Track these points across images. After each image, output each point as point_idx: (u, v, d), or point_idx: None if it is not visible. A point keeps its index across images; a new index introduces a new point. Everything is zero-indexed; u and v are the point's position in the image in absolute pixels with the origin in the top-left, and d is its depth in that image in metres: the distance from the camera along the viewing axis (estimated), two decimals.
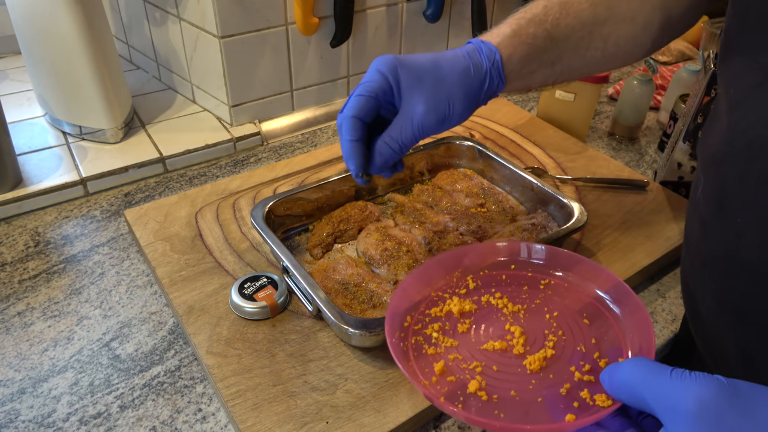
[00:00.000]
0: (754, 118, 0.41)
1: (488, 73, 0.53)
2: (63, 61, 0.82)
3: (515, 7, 0.59)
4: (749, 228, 0.41)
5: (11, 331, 0.62)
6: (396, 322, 0.49)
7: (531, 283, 0.52)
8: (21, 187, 0.79)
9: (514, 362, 0.45)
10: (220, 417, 0.54)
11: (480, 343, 0.47)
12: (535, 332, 0.47)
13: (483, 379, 0.43)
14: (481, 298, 0.51)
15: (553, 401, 0.42)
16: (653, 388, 0.33)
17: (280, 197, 0.69)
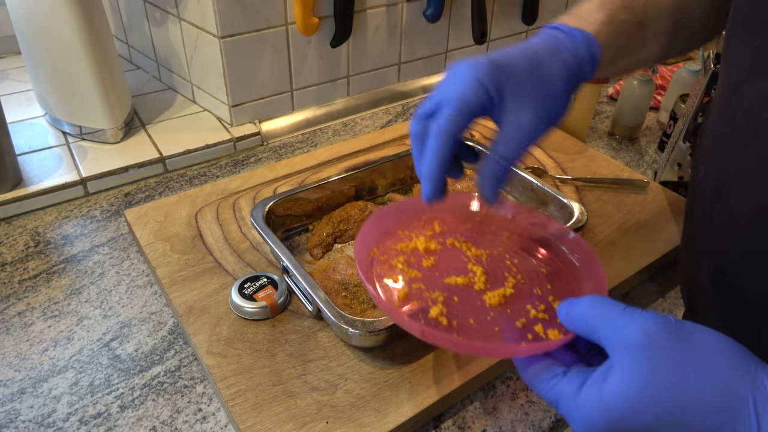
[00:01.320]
0: (752, 99, 0.41)
1: (587, 65, 0.48)
2: (63, 61, 0.82)
3: (515, 8, 0.58)
4: (743, 209, 0.42)
5: (11, 331, 0.62)
6: (364, 250, 0.50)
7: (495, 233, 0.54)
8: (21, 187, 0.79)
9: (475, 296, 0.47)
10: (220, 417, 0.54)
11: (443, 276, 0.48)
12: (495, 273, 0.49)
13: (444, 307, 0.45)
14: (446, 240, 0.53)
15: (510, 331, 0.44)
16: (606, 322, 0.35)
17: (280, 197, 0.69)
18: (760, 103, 0.40)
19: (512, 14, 1.21)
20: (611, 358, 0.34)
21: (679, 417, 0.31)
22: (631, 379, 0.32)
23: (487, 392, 0.58)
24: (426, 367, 0.56)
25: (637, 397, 0.32)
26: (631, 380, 0.32)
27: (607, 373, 0.34)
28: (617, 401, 0.33)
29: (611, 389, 0.33)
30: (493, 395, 0.58)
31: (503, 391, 0.58)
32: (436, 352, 0.57)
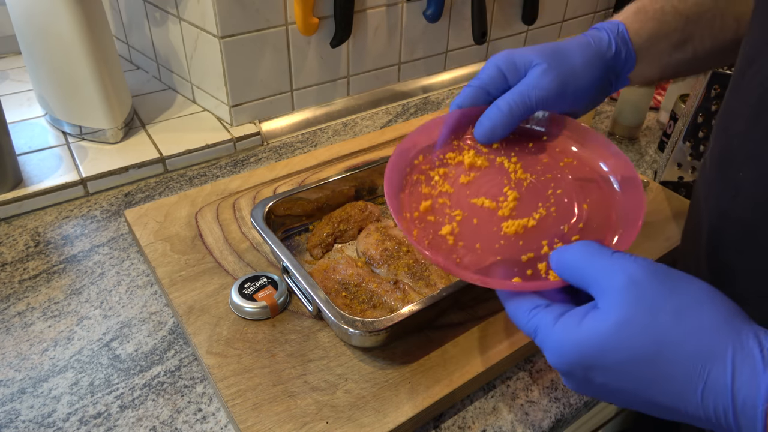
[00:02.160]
0: (765, 72, 0.40)
1: (613, 42, 0.50)
2: (63, 61, 0.82)
3: (515, 8, 0.59)
4: (747, 184, 0.42)
5: (11, 331, 0.62)
6: (408, 156, 0.50)
7: (554, 157, 0.51)
8: (21, 187, 0.79)
9: (495, 221, 0.46)
10: (220, 417, 0.54)
11: (472, 196, 0.48)
12: (528, 202, 0.48)
13: (458, 227, 0.46)
14: (497, 158, 0.51)
15: (510, 264, 0.43)
16: (593, 266, 0.35)
17: (280, 197, 0.69)
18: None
19: (512, 14, 1.21)
20: (596, 300, 0.34)
21: (653, 358, 0.31)
22: (610, 316, 0.33)
23: (487, 392, 0.58)
24: (426, 367, 0.56)
25: (614, 334, 0.32)
26: (610, 318, 0.33)
27: (588, 311, 0.34)
28: (593, 335, 0.33)
29: (588, 324, 0.33)
30: (493, 395, 0.58)
31: (503, 391, 0.58)
32: (435, 352, 0.58)
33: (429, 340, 0.59)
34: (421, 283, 0.64)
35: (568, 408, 0.57)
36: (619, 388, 0.33)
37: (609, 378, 0.33)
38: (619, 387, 0.33)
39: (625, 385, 0.33)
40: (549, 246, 0.44)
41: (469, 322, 0.61)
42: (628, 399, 0.34)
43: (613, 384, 0.33)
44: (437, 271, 0.66)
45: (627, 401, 0.34)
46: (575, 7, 1.34)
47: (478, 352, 0.58)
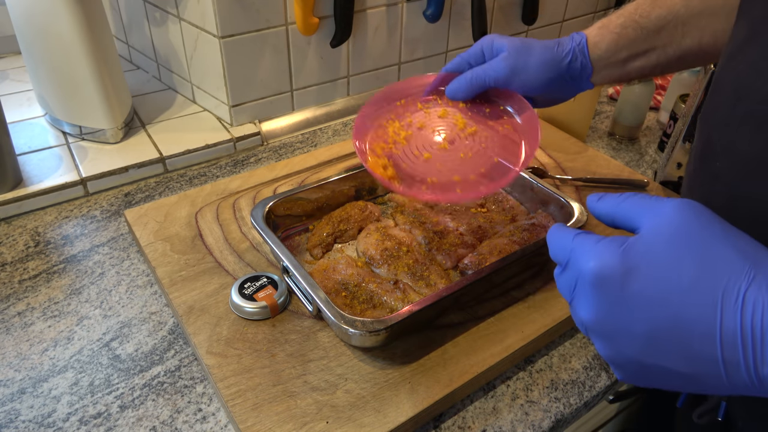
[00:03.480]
0: (742, 67, 0.43)
1: (572, 51, 0.60)
2: (63, 61, 0.82)
3: (515, 8, 0.63)
4: (724, 173, 0.44)
5: (11, 331, 0.62)
6: (394, 96, 0.66)
7: (495, 119, 0.65)
8: (21, 187, 0.79)
9: (431, 150, 0.62)
10: (220, 417, 0.54)
11: (421, 134, 0.64)
12: (461, 144, 0.62)
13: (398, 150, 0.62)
14: (457, 113, 0.65)
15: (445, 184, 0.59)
16: (637, 204, 0.36)
17: (280, 197, 0.69)
18: (747, 70, 0.42)
19: (512, 14, 1.21)
20: (640, 229, 0.34)
21: (695, 273, 0.31)
22: (662, 231, 0.32)
23: (487, 392, 0.58)
24: (426, 367, 0.56)
25: (664, 251, 0.31)
26: (660, 237, 0.32)
27: (633, 238, 0.34)
28: (639, 242, 0.33)
29: (637, 240, 0.33)
30: (493, 395, 0.58)
31: (503, 391, 0.58)
32: (435, 352, 0.58)
33: (429, 340, 0.59)
34: (421, 283, 0.64)
35: (568, 408, 0.57)
36: (655, 296, 0.31)
37: (647, 283, 0.31)
38: (656, 296, 0.31)
39: (662, 293, 0.31)
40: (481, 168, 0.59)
41: (469, 322, 0.61)
42: (658, 317, 0.31)
43: (650, 290, 0.31)
44: (437, 271, 0.66)
45: (655, 323, 0.32)
46: (575, 7, 1.34)
47: (478, 352, 0.58)
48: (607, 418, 0.83)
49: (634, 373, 0.34)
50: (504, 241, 0.68)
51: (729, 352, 0.29)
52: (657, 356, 0.32)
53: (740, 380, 0.30)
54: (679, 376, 0.32)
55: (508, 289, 0.65)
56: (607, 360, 0.35)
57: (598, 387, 0.60)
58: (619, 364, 0.34)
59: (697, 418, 0.58)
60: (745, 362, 0.29)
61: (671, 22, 0.58)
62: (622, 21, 0.60)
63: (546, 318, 0.62)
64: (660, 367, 0.32)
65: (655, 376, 0.33)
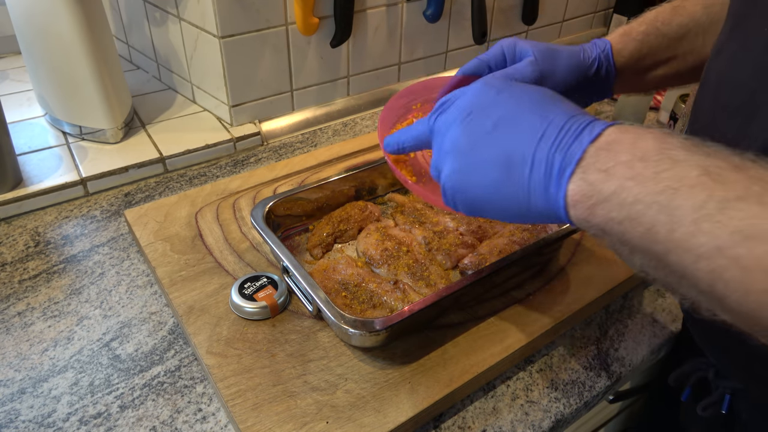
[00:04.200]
0: (724, 59, 0.44)
1: (597, 58, 0.59)
2: (63, 61, 0.82)
3: (515, 8, 0.63)
4: None
5: (11, 331, 0.62)
6: (410, 99, 0.63)
7: None
8: (21, 187, 0.79)
9: None
10: (220, 417, 0.54)
11: None
12: None
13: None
14: None
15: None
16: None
17: (280, 197, 0.69)
18: (728, 62, 0.43)
19: (512, 14, 1.21)
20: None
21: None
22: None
23: (487, 392, 0.58)
24: (426, 367, 0.56)
25: (531, 89, 0.42)
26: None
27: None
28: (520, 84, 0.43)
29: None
30: (493, 395, 0.58)
31: (503, 391, 0.58)
32: (436, 352, 0.58)
33: (429, 340, 0.59)
34: (421, 283, 0.64)
35: (568, 408, 0.57)
36: (516, 101, 0.40)
37: (514, 94, 0.41)
38: (517, 102, 0.40)
39: (518, 106, 0.40)
40: None
41: (469, 322, 0.61)
42: (508, 116, 0.40)
43: (514, 98, 0.41)
44: (437, 271, 0.66)
45: (505, 120, 0.40)
46: (575, 7, 1.34)
47: (478, 352, 0.58)
48: (607, 418, 0.83)
49: (462, 165, 0.41)
50: (504, 241, 0.68)
51: (543, 143, 0.37)
52: (489, 145, 0.40)
53: (538, 174, 0.37)
54: (496, 169, 0.40)
55: (508, 289, 0.65)
56: (447, 150, 0.43)
57: (598, 387, 0.60)
58: (456, 152, 0.42)
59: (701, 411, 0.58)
60: (548, 152, 0.37)
61: (692, 30, 0.58)
62: (644, 28, 0.59)
63: (546, 318, 0.62)
64: (485, 156, 0.40)
65: (476, 169, 0.41)
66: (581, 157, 0.35)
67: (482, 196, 0.41)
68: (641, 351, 0.64)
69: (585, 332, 0.65)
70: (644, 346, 0.65)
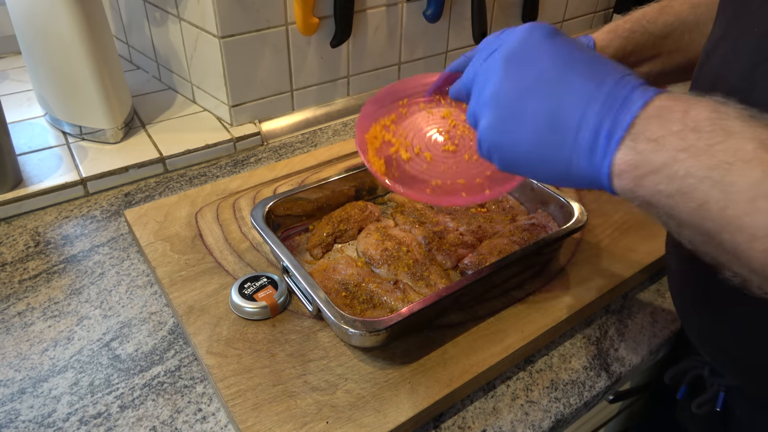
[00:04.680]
0: (716, 61, 0.44)
1: None
2: (63, 61, 0.82)
3: (515, 8, 0.63)
4: None
5: (11, 331, 0.62)
6: (396, 96, 0.63)
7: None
8: (21, 187, 0.79)
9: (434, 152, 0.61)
10: (220, 417, 0.54)
11: (423, 135, 0.63)
12: (462, 147, 0.61)
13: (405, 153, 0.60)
14: (461, 114, 0.62)
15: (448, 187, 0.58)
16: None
17: (280, 197, 0.69)
18: (719, 64, 0.43)
19: (512, 14, 1.21)
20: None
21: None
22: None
23: (487, 392, 0.58)
24: (426, 367, 0.56)
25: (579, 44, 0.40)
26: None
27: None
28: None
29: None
30: (493, 395, 0.58)
31: (503, 391, 0.58)
32: (435, 352, 0.58)
33: (429, 340, 0.59)
34: (421, 283, 0.64)
35: (568, 408, 0.57)
36: (562, 56, 0.39)
37: (563, 46, 0.39)
38: (563, 56, 0.39)
39: (567, 58, 0.38)
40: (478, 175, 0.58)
41: (469, 322, 0.61)
42: (555, 69, 0.38)
43: (564, 50, 0.39)
44: (437, 271, 0.66)
45: (550, 73, 0.38)
46: (575, 7, 1.34)
47: (478, 352, 0.58)
48: (607, 418, 0.83)
49: (501, 116, 0.39)
50: (504, 241, 0.68)
51: (592, 105, 0.36)
52: (532, 97, 0.38)
53: (584, 137, 0.36)
54: (536, 123, 0.38)
55: (508, 289, 0.65)
56: (486, 100, 0.41)
57: (598, 387, 0.60)
58: (495, 102, 0.40)
59: (696, 409, 0.58)
60: (598, 113, 0.35)
61: (678, 29, 0.59)
62: (630, 26, 0.60)
63: (546, 318, 0.62)
64: (527, 109, 0.38)
65: (516, 122, 0.39)
66: (630, 124, 0.34)
67: (520, 154, 0.39)
68: (641, 351, 0.64)
69: (585, 332, 0.65)
70: (644, 346, 0.65)
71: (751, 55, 0.40)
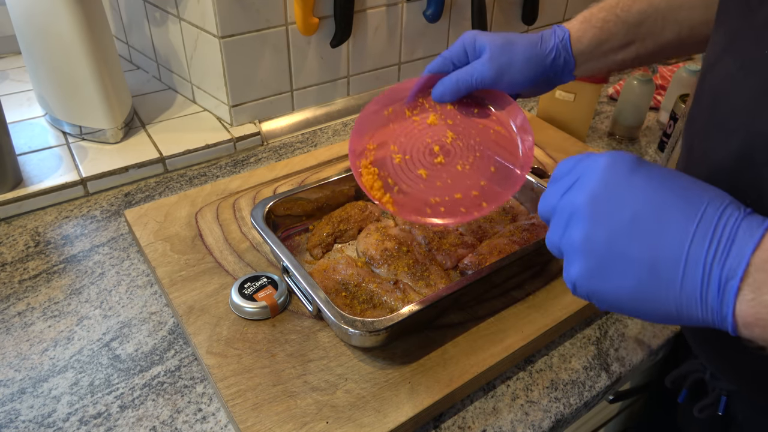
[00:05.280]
0: (719, 76, 0.44)
1: (555, 48, 0.60)
2: (63, 61, 0.82)
3: (515, 8, 0.63)
4: (703, 177, 0.46)
5: (11, 331, 0.62)
6: (382, 106, 0.65)
7: (484, 122, 0.64)
8: (21, 187, 0.79)
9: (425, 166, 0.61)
10: (220, 417, 0.54)
11: (413, 147, 0.63)
12: (454, 156, 0.61)
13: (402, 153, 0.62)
14: (448, 119, 0.63)
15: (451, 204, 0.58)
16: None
17: (280, 197, 0.69)
18: (723, 79, 0.43)
19: (512, 14, 1.21)
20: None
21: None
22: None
23: (487, 392, 0.58)
24: (426, 367, 0.56)
25: (667, 170, 0.38)
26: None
27: None
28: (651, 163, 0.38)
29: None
30: (493, 395, 0.58)
31: (503, 391, 0.58)
32: (436, 352, 0.58)
33: (429, 340, 0.59)
34: (421, 283, 0.64)
35: (568, 408, 0.57)
36: (653, 187, 0.36)
37: (651, 176, 0.36)
38: (654, 186, 0.36)
39: (659, 186, 0.36)
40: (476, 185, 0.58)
41: (469, 322, 0.61)
42: (648, 204, 0.35)
43: (654, 181, 0.36)
44: (437, 271, 0.66)
45: (643, 209, 0.35)
46: (575, 7, 1.34)
47: (478, 352, 0.58)
48: (607, 418, 0.83)
49: (597, 263, 0.36)
50: (504, 241, 0.68)
51: (696, 247, 0.33)
52: (629, 242, 0.35)
53: (692, 282, 0.33)
54: (638, 271, 0.35)
55: (508, 289, 0.65)
56: (577, 247, 0.37)
57: (598, 387, 0.60)
58: (588, 249, 0.37)
59: (697, 413, 0.58)
60: (705, 257, 0.33)
61: (651, 16, 0.59)
62: (603, 15, 0.60)
63: (546, 318, 0.62)
64: (624, 256, 0.35)
65: (615, 269, 0.36)
66: (746, 272, 0.31)
67: (623, 299, 0.36)
68: (641, 351, 0.64)
69: (585, 332, 0.65)
70: (644, 346, 0.65)
71: (762, 76, 0.39)
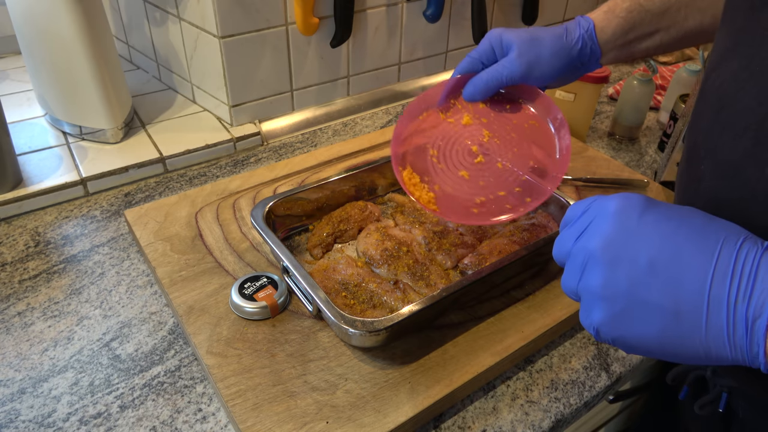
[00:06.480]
0: (724, 77, 0.44)
1: (581, 38, 0.61)
2: (63, 61, 0.82)
3: (515, 8, 0.63)
4: (707, 176, 0.46)
5: (11, 331, 0.62)
6: (418, 111, 0.66)
7: (518, 118, 0.66)
8: (21, 187, 0.79)
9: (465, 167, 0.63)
10: (220, 417, 0.54)
11: (452, 148, 0.65)
12: (493, 155, 0.64)
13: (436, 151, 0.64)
14: (482, 117, 0.65)
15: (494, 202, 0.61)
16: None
17: (280, 197, 0.69)
18: (729, 80, 0.43)
19: (512, 14, 1.21)
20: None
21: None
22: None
23: (487, 392, 0.58)
24: (426, 367, 0.56)
25: (679, 208, 0.37)
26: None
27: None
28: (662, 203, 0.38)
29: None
30: (493, 395, 0.58)
31: (503, 391, 0.58)
32: (436, 352, 0.58)
33: (429, 340, 0.59)
34: (421, 283, 0.64)
35: (568, 408, 0.57)
36: (665, 230, 0.35)
37: (662, 218, 0.36)
38: (667, 229, 0.35)
39: (671, 228, 0.35)
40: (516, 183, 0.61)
41: (469, 322, 0.61)
42: (663, 249, 0.35)
43: (663, 224, 0.36)
44: (437, 271, 0.66)
45: (659, 254, 0.35)
46: (575, 7, 1.34)
47: (478, 352, 0.58)
48: (607, 418, 0.83)
49: (619, 310, 0.36)
50: (504, 241, 0.68)
51: (717, 288, 0.33)
52: (649, 288, 0.35)
53: (718, 324, 0.33)
54: (661, 317, 0.34)
55: (508, 289, 0.65)
56: (596, 293, 0.37)
57: (598, 387, 0.60)
58: (609, 296, 0.36)
59: (698, 410, 0.58)
60: (728, 298, 0.32)
61: (674, 5, 0.60)
62: (627, 5, 0.61)
63: (546, 318, 0.62)
64: (646, 303, 0.35)
65: (639, 316, 0.35)
66: None
67: (649, 345, 0.36)
68: None
69: (585, 332, 0.65)
70: None
71: (766, 77, 0.39)
